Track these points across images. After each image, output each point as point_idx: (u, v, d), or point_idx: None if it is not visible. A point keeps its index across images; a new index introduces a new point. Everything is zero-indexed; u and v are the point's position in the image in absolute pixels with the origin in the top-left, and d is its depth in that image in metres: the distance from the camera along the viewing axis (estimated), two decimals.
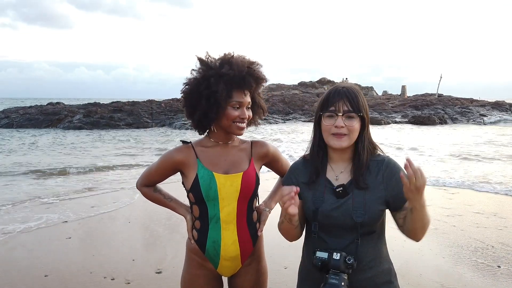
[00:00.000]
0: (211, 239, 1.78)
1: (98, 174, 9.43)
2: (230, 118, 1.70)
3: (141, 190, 1.94)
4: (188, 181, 1.76)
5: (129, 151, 14.26)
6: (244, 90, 1.71)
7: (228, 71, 1.67)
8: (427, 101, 36.56)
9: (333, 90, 1.51)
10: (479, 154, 12.43)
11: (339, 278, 1.39)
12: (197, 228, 1.81)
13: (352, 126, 1.47)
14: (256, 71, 1.74)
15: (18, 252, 4.45)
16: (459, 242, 4.60)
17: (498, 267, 3.90)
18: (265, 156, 1.89)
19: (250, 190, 1.78)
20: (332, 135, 1.49)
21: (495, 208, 6.07)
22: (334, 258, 1.42)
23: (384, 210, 1.53)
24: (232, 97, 1.69)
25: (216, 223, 1.76)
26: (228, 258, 1.79)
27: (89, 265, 4.03)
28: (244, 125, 1.76)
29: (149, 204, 2.09)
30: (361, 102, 1.49)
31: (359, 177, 1.49)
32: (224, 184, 1.73)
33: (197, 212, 1.79)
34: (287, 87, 50.62)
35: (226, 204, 1.75)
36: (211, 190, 1.72)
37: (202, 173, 1.73)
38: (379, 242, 1.56)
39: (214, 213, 1.75)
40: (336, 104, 1.47)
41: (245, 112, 1.73)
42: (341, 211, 1.48)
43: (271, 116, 26.70)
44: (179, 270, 1.94)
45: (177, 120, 25.32)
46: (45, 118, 26.31)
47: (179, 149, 1.81)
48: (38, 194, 7.23)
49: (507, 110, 34.84)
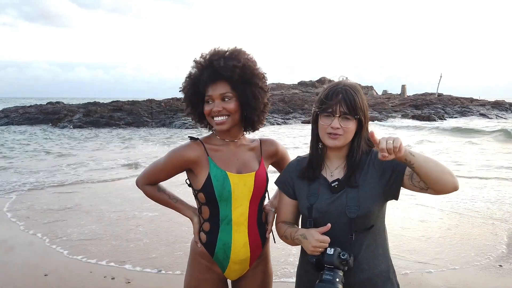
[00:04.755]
0: (221, 242, 1.70)
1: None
2: (206, 113, 1.69)
3: (144, 188, 1.81)
4: (199, 180, 1.68)
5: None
6: (209, 83, 1.65)
7: (193, 69, 1.70)
8: (427, 101, 36.54)
9: (331, 89, 1.50)
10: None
11: (334, 274, 1.38)
12: (206, 231, 1.73)
13: (348, 127, 1.48)
14: (217, 62, 1.62)
15: (17, 251, 4.43)
16: (461, 241, 4.58)
17: (500, 266, 3.89)
18: (274, 154, 1.86)
19: (262, 190, 1.74)
20: (328, 134, 1.50)
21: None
22: (328, 253, 1.41)
23: (380, 205, 1.52)
24: (204, 92, 1.68)
25: (228, 225, 1.69)
26: (237, 262, 1.73)
27: (89, 264, 4.01)
28: (222, 119, 1.65)
29: (150, 202, 2.04)
30: (358, 104, 1.47)
31: (350, 176, 1.51)
32: (238, 184, 1.67)
33: (207, 214, 1.72)
34: (287, 87, 50.59)
35: (239, 205, 1.69)
36: (225, 190, 1.65)
37: (215, 172, 1.66)
38: (378, 239, 1.56)
39: (226, 214, 1.69)
40: (334, 105, 1.47)
41: (218, 105, 1.64)
42: (335, 206, 1.49)
43: (271, 115, 26.68)
44: (180, 270, 1.91)
45: (177, 119, 25.30)
46: (44, 117, 26.32)
47: (190, 146, 1.72)
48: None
49: (507, 109, 34.83)
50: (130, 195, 6.80)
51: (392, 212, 5.33)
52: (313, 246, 1.43)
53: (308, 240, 1.46)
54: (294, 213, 1.68)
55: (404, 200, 5.88)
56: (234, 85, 1.64)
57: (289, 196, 1.65)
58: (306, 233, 1.48)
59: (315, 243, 1.43)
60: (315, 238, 1.43)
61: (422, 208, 5.90)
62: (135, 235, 4.90)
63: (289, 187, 1.64)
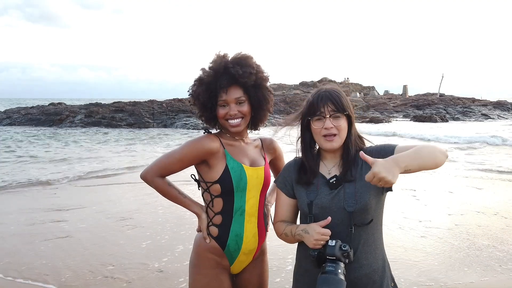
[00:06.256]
0: (233, 233, 1.77)
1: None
2: (220, 116, 1.77)
3: (154, 181, 1.77)
4: (215, 172, 1.74)
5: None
6: (224, 88, 1.72)
7: (205, 74, 1.75)
8: (429, 101, 36.54)
9: (316, 95, 1.60)
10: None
11: (336, 266, 1.40)
12: (218, 224, 1.78)
13: (340, 125, 1.56)
14: (234, 69, 1.71)
15: (16, 250, 4.44)
16: (460, 242, 4.58)
17: (499, 266, 3.90)
18: (274, 152, 1.99)
19: (268, 183, 1.88)
20: (323, 137, 1.57)
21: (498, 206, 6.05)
22: (330, 245, 1.45)
23: (377, 198, 1.56)
24: (217, 97, 1.74)
25: (241, 216, 1.78)
26: (247, 252, 1.82)
27: (90, 264, 4.03)
28: (237, 121, 1.77)
29: (151, 200, 2.06)
30: (344, 102, 1.58)
31: (346, 171, 1.58)
32: (252, 176, 1.78)
33: (220, 206, 1.77)
34: (289, 87, 50.64)
35: (252, 196, 1.80)
36: (242, 181, 1.74)
37: (232, 164, 1.75)
38: (375, 234, 1.60)
39: (240, 205, 1.77)
40: (322, 108, 1.56)
41: (234, 109, 1.74)
42: (334, 202, 1.54)
43: (272, 116, 26.69)
44: (180, 269, 1.93)
45: (179, 120, 25.33)
46: (46, 118, 26.38)
47: (209, 137, 1.77)
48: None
49: (509, 109, 34.77)
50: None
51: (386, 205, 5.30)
52: (315, 239, 1.48)
53: (310, 234, 1.50)
54: (293, 212, 1.72)
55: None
56: (246, 89, 1.76)
57: (288, 195, 1.69)
58: (307, 228, 1.53)
59: (317, 236, 1.48)
60: (316, 231, 1.48)
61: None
62: (136, 235, 4.91)
63: (289, 186, 1.69)
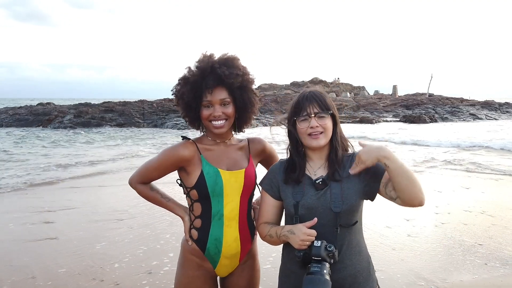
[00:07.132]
0: (213, 237, 1.76)
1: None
2: (204, 117, 1.76)
3: (137, 187, 1.85)
4: (192, 178, 1.75)
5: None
6: (210, 89, 1.71)
7: (190, 73, 1.74)
8: (418, 101, 36.91)
9: (301, 96, 1.63)
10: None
11: (321, 266, 1.41)
12: (198, 227, 1.79)
13: (325, 124, 1.59)
14: (221, 69, 1.69)
15: (5, 253, 4.39)
16: (447, 240, 4.63)
17: (485, 264, 3.95)
18: (262, 152, 1.94)
19: (252, 186, 1.82)
20: (309, 136, 1.59)
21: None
22: (315, 246, 1.46)
23: (361, 200, 1.60)
24: (202, 97, 1.73)
25: (219, 220, 1.76)
26: (228, 256, 1.79)
27: (77, 267, 3.98)
28: (221, 123, 1.74)
29: (139, 203, 2.06)
30: (329, 102, 1.62)
31: (334, 171, 1.59)
32: (229, 180, 1.75)
33: (199, 210, 1.77)
34: (279, 87, 50.70)
35: (230, 200, 1.76)
36: (217, 186, 1.72)
37: (208, 169, 1.73)
38: (358, 235, 1.63)
39: (218, 210, 1.75)
40: (307, 108, 1.59)
41: (218, 110, 1.72)
42: (320, 202, 1.55)
43: (263, 115, 26.69)
44: (169, 272, 1.93)
45: (169, 120, 25.21)
46: (35, 119, 26.04)
47: (184, 145, 1.78)
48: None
49: (497, 109, 35.31)
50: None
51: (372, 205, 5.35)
52: (301, 240, 1.49)
53: (296, 235, 1.51)
54: (277, 214, 1.72)
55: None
56: (232, 91, 1.74)
57: (274, 197, 1.69)
58: (293, 229, 1.53)
59: (303, 237, 1.48)
60: (302, 232, 1.49)
61: None
62: (124, 236, 4.89)
63: (275, 187, 1.69)
